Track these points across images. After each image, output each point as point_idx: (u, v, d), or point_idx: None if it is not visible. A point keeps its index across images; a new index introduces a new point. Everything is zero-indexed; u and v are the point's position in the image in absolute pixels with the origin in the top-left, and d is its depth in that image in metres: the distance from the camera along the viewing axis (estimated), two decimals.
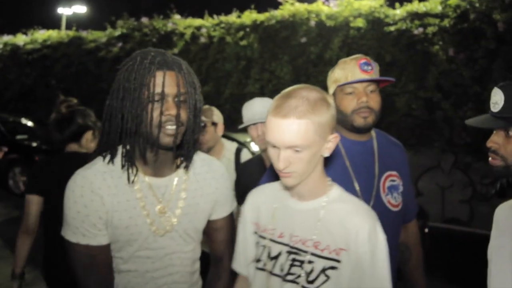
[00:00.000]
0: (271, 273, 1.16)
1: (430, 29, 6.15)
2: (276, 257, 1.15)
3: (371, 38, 6.67)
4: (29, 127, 8.28)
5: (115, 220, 1.14)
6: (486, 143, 1.17)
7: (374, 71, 1.52)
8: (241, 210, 1.29)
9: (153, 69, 1.10)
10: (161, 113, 1.10)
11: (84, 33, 11.13)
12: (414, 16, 6.50)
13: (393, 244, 1.58)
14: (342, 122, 1.54)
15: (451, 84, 5.81)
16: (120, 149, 1.18)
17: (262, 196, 1.25)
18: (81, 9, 16.72)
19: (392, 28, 6.51)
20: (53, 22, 14.57)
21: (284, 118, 1.01)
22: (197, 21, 9.09)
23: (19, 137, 7.66)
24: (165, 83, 1.10)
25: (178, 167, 1.25)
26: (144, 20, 9.91)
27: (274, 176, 1.34)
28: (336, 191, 1.15)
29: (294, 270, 1.12)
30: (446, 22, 6.07)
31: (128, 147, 1.16)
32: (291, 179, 1.07)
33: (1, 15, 19.47)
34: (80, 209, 1.11)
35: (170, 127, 1.11)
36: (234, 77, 7.98)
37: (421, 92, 6.05)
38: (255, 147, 4.11)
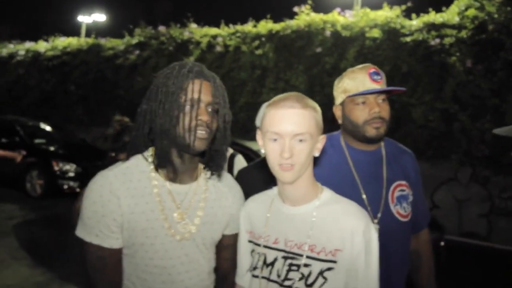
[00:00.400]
0: (268, 279, 1.16)
1: (447, 40, 6.10)
2: (272, 263, 1.17)
3: (387, 49, 6.65)
4: (48, 131, 8.44)
5: (132, 222, 1.14)
6: (511, 154, 1.16)
7: (383, 80, 1.50)
8: None
9: (191, 77, 1.18)
10: (195, 118, 1.15)
11: (102, 41, 11.37)
12: (431, 27, 6.47)
13: (403, 254, 1.56)
14: (352, 132, 1.52)
15: (468, 96, 5.74)
16: (146, 153, 1.23)
17: (254, 204, 1.27)
18: (100, 18, 17.05)
19: (408, 39, 6.48)
20: (73, 30, 14.92)
21: (290, 108, 1.10)
22: (213, 30, 9.21)
23: (37, 141, 7.81)
24: (201, 90, 1.17)
25: (198, 176, 1.28)
26: (161, 28, 10.08)
27: None
28: (327, 193, 1.19)
29: (292, 275, 1.13)
30: (463, 33, 6.02)
31: (161, 149, 1.19)
32: (291, 172, 1.10)
33: (23, 22, 20.01)
34: (97, 208, 1.13)
35: (201, 132, 1.16)
36: (249, 86, 8.03)
37: (438, 103, 5.99)
38: None
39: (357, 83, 1.47)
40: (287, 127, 1.08)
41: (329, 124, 1.49)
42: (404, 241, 1.56)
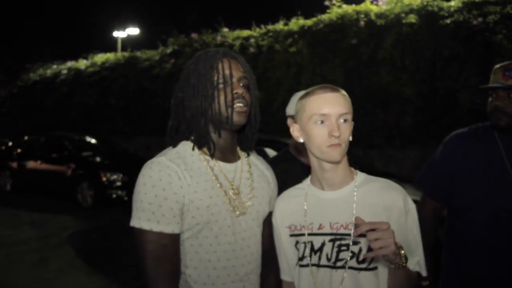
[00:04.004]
0: (318, 265, 1.19)
1: (491, 18, 5.79)
2: (320, 249, 1.20)
3: (426, 34, 6.39)
4: (93, 144, 8.77)
5: (196, 200, 1.16)
6: None
7: None
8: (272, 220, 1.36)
9: (219, 57, 1.24)
10: (231, 92, 1.21)
11: (138, 53, 11.70)
12: (471, 5, 6.16)
13: None
14: None
15: None
16: (188, 139, 1.27)
17: (287, 200, 1.32)
18: (134, 31, 17.63)
19: (448, 21, 6.20)
20: (110, 45, 15.48)
21: (333, 92, 1.19)
22: (245, 32, 9.23)
23: (84, 154, 8.13)
24: (231, 66, 1.24)
25: (240, 155, 1.35)
26: (194, 35, 10.23)
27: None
28: (361, 175, 1.26)
29: (342, 255, 1.16)
30: (508, 9, 5.69)
31: (199, 129, 1.23)
32: (339, 150, 1.15)
33: (64, 42, 21.01)
34: (158, 192, 1.13)
35: (240, 105, 1.21)
36: (285, 85, 7.96)
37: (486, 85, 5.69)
38: None
39: (493, 77, 1.66)
40: (333, 108, 1.16)
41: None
42: None
